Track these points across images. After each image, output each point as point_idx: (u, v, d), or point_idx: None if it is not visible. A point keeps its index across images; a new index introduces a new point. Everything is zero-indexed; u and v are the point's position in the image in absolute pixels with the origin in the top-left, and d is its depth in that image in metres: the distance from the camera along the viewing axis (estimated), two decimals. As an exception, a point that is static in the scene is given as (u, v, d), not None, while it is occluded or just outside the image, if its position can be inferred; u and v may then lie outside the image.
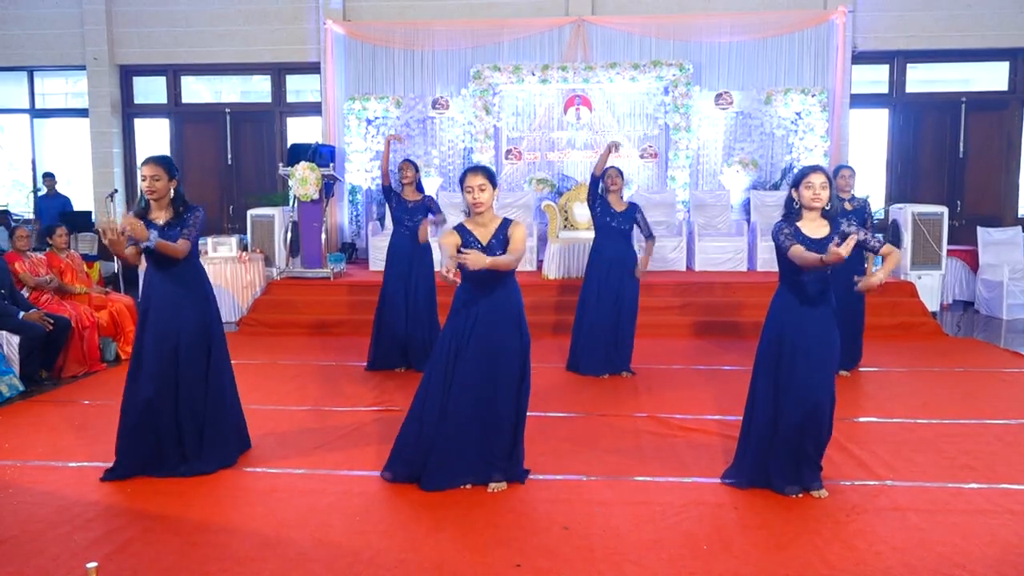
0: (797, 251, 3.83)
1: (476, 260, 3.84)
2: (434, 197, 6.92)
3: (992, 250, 9.76)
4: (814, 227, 3.95)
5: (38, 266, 6.94)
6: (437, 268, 5.30)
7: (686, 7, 11.03)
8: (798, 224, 3.96)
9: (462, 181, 4.11)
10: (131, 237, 4.10)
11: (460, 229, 4.15)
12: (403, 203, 6.66)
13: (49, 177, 11.49)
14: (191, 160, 11.97)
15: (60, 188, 11.65)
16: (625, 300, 6.48)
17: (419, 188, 6.75)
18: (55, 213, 10.85)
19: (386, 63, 11.21)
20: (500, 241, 4.11)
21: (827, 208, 3.94)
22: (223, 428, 4.44)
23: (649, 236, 6.53)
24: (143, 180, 4.21)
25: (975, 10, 10.81)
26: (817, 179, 3.88)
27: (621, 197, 6.50)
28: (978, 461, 4.56)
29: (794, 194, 3.97)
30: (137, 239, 4.11)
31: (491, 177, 4.09)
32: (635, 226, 6.48)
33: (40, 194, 11.68)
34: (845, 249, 3.54)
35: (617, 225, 6.44)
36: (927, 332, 8.20)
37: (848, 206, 6.21)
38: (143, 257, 4.30)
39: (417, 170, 6.75)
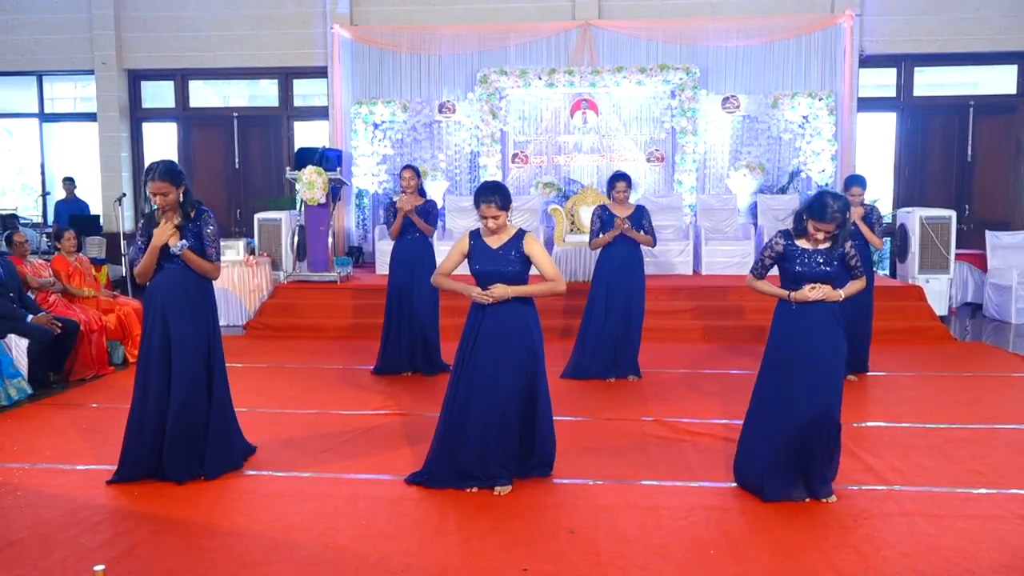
0: (760, 286, 4.23)
1: (501, 293, 4.02)
2: (435, 202, 6.89)
3: (1001, 254, 9.72)
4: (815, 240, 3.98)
5: (40, 270, 6.97)
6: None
7: (693, 11, 11.03)
8: (797, 242, 4.01)
9: (477, 205, 4.14)
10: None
11: (473, 236, 4.22)
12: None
13: (69, 182, 11.51)
14: (198, 164, 12.00)
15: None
16: (635, 303, 6.45)
17: (421, 192, 6.74)
18: (70, 217, 10.90)
19: (393, 67, 11.24)
20: (512, 252, 4.14)
21: (838, 233, 3.96)
22: (226, 435, 4.46)
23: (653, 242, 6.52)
24: (152, 196, 4.17)
25: (982, 13, 10.78)
26: (826, 228, 3.90)
27: (627, 200, 6.48)
28: (987, 466, 4.54)
29: (805, 218, 3.97)
30: (167, 242, 4.16)
31: (506, 204, 4.14)
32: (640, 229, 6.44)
33: (59, 199, 11.69)
34: (813, 295, 3.92)
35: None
36: (935, 336, 8.16)
37: None
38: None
39: (419, 175, 6.74)
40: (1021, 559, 3.47)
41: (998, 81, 11.33)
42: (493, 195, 4.10)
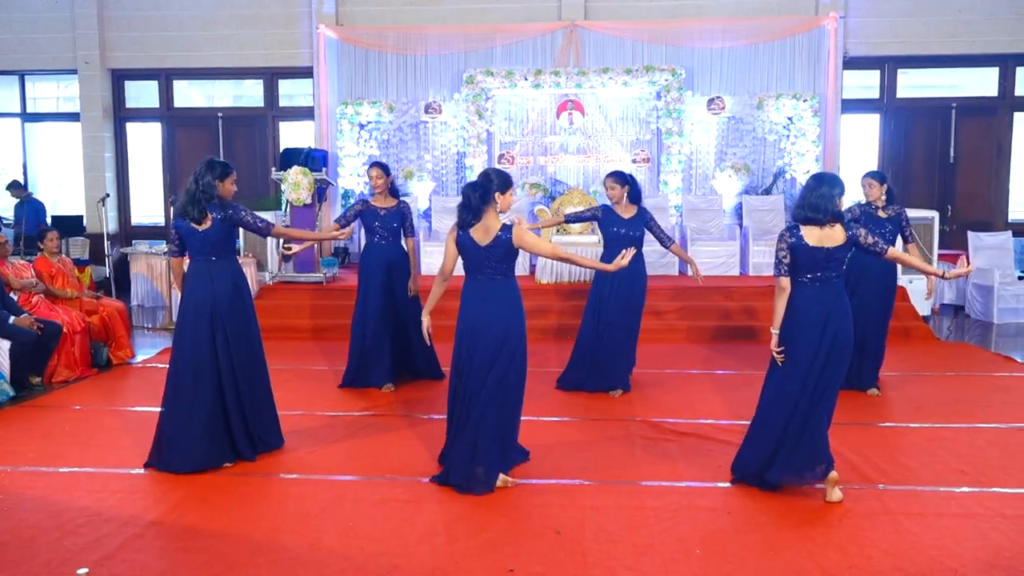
0: (782, 282, 4.07)
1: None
2: (409, 204, 6.37)
3: (982, 254, 9.80)
4: (822, 234, 3.99)
5: (22, 271, 6.90)
6: (428, 273, 5.24)
7: (679, 12, 11.06)
8: (803, 231, 4.01)
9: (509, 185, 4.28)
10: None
11: (461, 230, 4.22)
12: (374, 210, 6.10)
13: (16, 186, 11.13)
14: (183, 165, 11.92)
15: (53, 193, 11.45)
16: (631, 312, 6.11)
17: (393, 193, 6.23)
18: (32, 219, 10.68)
19: (379, 68, 11.21)
20: (500, 250, 4.15)
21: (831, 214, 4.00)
22: (272, 412, 4.86)
23: (669, 241, 6.14)
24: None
25: (965, 16, 10.88)
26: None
27: (631, 202, 6.08)
28: (970, 465, 4.58)
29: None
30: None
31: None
32: (646, 233, 6.07)
33: (15, 202, 11.35)
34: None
35: (627, 233, 5.96)
36: (918, 336, 8.21)
37: (883, 214, 5.98)
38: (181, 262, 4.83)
39: (388, 173, 6.20)
40: (1003, 557, 3.50)
41: (980, 83, 11.43)
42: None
